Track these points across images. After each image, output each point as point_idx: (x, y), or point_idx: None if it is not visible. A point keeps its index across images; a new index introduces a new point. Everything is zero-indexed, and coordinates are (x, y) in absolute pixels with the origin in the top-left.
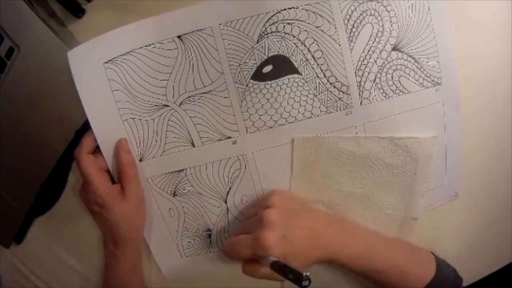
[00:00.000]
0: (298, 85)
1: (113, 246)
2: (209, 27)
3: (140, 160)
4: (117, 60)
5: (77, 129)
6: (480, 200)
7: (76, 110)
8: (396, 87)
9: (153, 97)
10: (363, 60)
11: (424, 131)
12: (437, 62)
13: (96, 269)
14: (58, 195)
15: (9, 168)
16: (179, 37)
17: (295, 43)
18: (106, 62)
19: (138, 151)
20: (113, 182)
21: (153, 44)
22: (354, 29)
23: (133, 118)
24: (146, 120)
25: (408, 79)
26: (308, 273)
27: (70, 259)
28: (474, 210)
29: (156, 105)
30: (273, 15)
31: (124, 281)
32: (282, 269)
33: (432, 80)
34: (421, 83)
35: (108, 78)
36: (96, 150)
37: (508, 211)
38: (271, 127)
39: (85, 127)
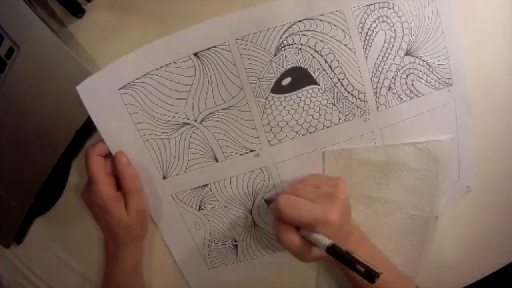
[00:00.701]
0: (317, 95)
1: (113, 247)
2: (226, 42)
3: (164, 178)
4: (132, 85)
5: (77, 129)
6: (480, 201)
7: (76, 110)
8: (410, 91)
9: (173, 116)
10: (378, 67)
11: (439, 131)
12: (448, 63)
13: (96, 269)
14: (58, 195)
15: (9, 168)
16: (195, 54)
17: (311, 54)
18: (121, 88)
19: (161, 169)
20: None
21: (169, 64)
22: (368, 37)
23: (154, 138)
24: (168, 139)
25: (421, 82)
26: (381, 272)
27: (70, 259)
28: (474, 210)
29: (176, 124)
30: (289, 27)
31: (124, 282)
32: (346, 258)
33: (443, 82)
34: (433, 85)
35: (125, 103)
36: (109, 155)
37: (508, 212)
38: (292, 138)
39: (85, 127)
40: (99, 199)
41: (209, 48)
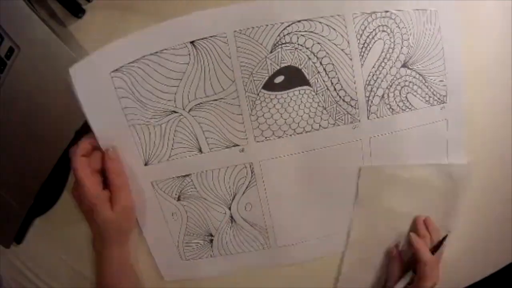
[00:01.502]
0: (308, 96)
1: (99, 245)
2: (224, 33)
3: (146, 164)
4: (125, 69)
5: (77, 129)
6: (480, 201)
7: (76, 110)
8: (403, 103)
9: (162, 103)
10: (373, 76)
11: (429, 147)
12: (444, 80)
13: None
14: (58, 195)
15: (9, 168)
16: (192, 42)
17: (307, 55)
18: (113, 71)
19: (143, 155)
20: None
21: (164, 50)
22: (366, 45)
23: (139, 124)
24: (154, 126)
25: (415, 96)
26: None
27: (70, 259)
28: (474, 211)
29: (164, 111)
30: (288, 26)
31: (112, 279)
32: None
33: (438, 98)
34: (427, 101)
35: (115, 86)
36: (92, 151)
37: (508, 212)
38: (279, 136)
39: (85, 128)
40: (86, 200)
41: (206, 38)
